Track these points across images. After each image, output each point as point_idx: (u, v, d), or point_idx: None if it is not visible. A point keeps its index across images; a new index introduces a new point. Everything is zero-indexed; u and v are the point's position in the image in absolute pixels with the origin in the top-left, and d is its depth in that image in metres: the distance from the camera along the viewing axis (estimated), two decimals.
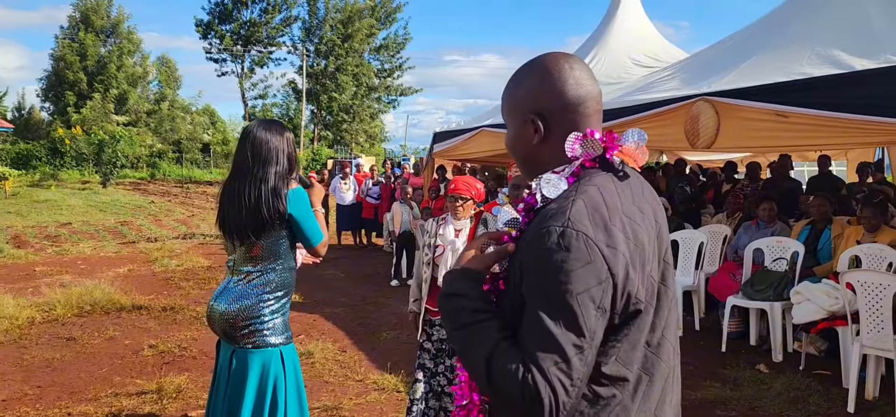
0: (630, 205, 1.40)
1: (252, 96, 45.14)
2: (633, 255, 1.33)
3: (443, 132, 12.34)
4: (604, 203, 1.34)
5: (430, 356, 4.26)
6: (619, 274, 1.29)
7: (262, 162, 2.97)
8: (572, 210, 1.30)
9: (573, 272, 1.24)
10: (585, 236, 1.26)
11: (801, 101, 5.32)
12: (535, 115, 1.46)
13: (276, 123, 3.15)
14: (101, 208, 20.26)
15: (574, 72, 1.46)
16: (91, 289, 8.15)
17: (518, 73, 1.54)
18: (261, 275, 3.02)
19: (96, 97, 35.77)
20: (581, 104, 1.45)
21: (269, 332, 3.01)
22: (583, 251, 1.25)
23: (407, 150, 44.09)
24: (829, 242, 6.33)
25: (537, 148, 1.48)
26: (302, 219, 3.02)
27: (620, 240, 1.31)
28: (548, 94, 1.45)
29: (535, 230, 1.32)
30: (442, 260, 4.15)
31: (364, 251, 13.25)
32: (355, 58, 42.42)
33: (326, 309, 7.85)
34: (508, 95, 1.54)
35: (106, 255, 11.88)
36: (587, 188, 1.36)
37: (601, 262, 1.26)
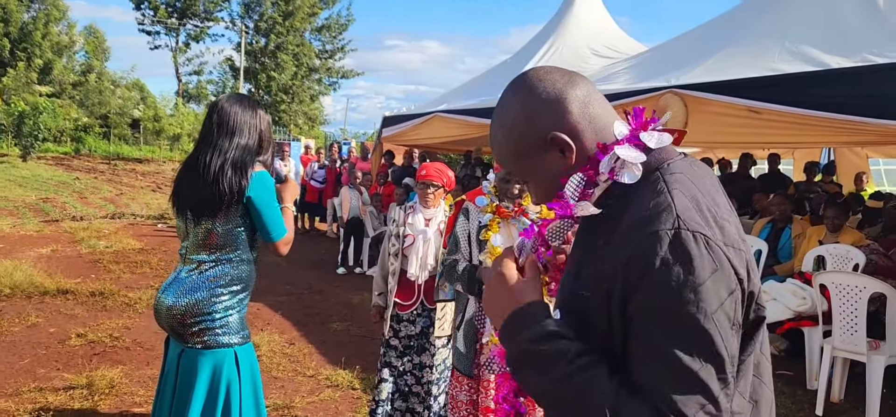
0: (720, 195, 1.14)
1: (186, 72, 43.53)
2: (749, 251, 1.07)
3: (393, 116, 11.97)
4: (702, 193, 1.08)
5: (398, 353, 4.00)
6: (745, 277, 1.03)
7: (228, 133, 2.63)
8: (677, 206, 1.02)
9: (702, 285, 0.96)
10: (705, 237, 0.99)
11: (774, 97, 5.22)
12: (553, 130, 1.18)
13: (248, 99, 2.80)
14: (21, 182, 19.04)
15: (556, 73, 1.23)
16: (10, 270, 7.49)
17: (501, 116, 1.26)
18: (215, 265, 2.65)
19: (20, 66, 33.77)
20: (587, 96, 1.21)
21: (221, 330, 2.64)
22: (706, 257, 0.98)
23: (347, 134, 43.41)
24: (789, 241, 6.30)
25: (573, 167, 1.20)
26: (262, 205, 2.66)
27: (735, 235, 1.05)
28: (549, 103, 1.20)
29: (637, 239, 1.02)
30: (412, 250, 3.91)
31: (307, 236, 12.77)
32: (296, 37, 41.36)
33: (270, 297, 7.41)
34: (509, 142, 1.25)
35: (27, 233, 11.06)
36: (676, 177, 1.09)
37: (727, 266, 1.00)
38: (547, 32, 10.59)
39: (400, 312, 3.96)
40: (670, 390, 0.96)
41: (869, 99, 4.65)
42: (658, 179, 1.11)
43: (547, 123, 1.19)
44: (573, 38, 9.92)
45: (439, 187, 3.94)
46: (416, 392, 3.98)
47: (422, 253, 3.88)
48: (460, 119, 9.27)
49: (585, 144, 1.19)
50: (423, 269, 3.89)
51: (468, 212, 3.35)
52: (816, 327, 4.91)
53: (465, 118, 9.14)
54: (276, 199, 2.74)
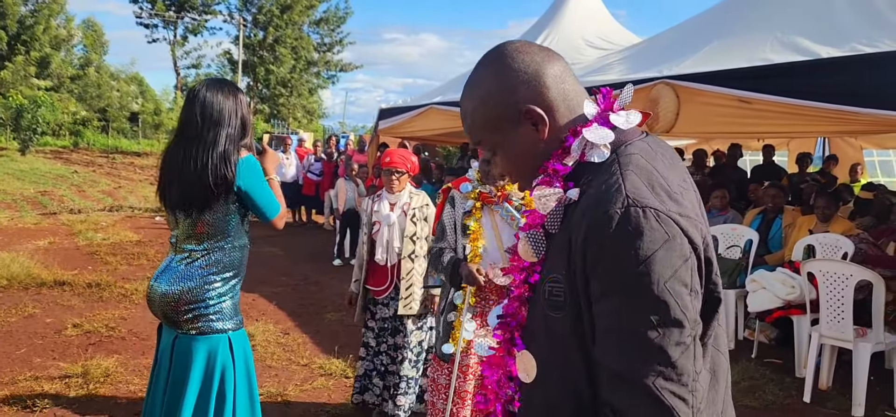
0: (678, 171, 1.17)
1: (184, 65, 43.44)
2: (699, 219, 1.10)
3: (389, 109, 11.98)
4: (655, 171, 1.11)
5: (374, 334, 4.23)
6: (700, 245, 1.05)
7: (212, 124, 2.60)
8: (627, 185, 1.06)
9: (653, 256, 0.99)
10: (654, 210, 1.02)
11: (765, 87, 5.25)
12: (528, 103, 1.21)
13: (228, 83, 2.77)
14: (19, 176, 19.07)
15: (533, 48, 1.25)
16: (7, 262, 7.53)
17: (474, 86, 1.28)
18: (206, 254, 2.66)
19: (18, 60, 33.72)
20: (561, 74, 1.23)
21: (215, 316, 2.66)
22: (657, 229, 1.01)
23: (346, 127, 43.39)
24: (780, 231, 6.34)
25: (545, 143, 1.23)
26: (254, 190, 2.67)
27: (689, 207, 1.08)
28: (526, 77, 1.21)
29: (589, 221, 1.06)
30: (378, 236, 4.07)
31: (304, 229, 12.82)
32: (294, 30, 41.29)
33: (266, 289, 7.46)
34: (480, 112, 1.26)
35: (25, 226, 11.10)
36: (630, 159, 1.13)
37: (680, 235, 1.02)
38: (542, 25, 10.59)
39: (374, 296, 4.13)
40: (629, 358, 0.99)
41: (859, 88, 4.67)
42: (613, 160, 1.14)
43: (522, 95, 1.20)
44: (568, 30, 9.93)
45: (403, 172, 4.10)
46: (392, 370, 4.18)
47: (387, 237, 4.06)
48: (456, 111, 9.24)
49: (558, 119, 1.21)
50: (390, 252, 4.05)
51: (454, 200, 3.42)
52: (805, 315, 4.95)
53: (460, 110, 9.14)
54: (265, 180, 2.75)
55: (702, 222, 1.10)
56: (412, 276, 4.06)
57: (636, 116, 1.22)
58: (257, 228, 2.87)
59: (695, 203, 1.14)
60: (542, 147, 1.23)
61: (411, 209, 4.09)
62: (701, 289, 1.06)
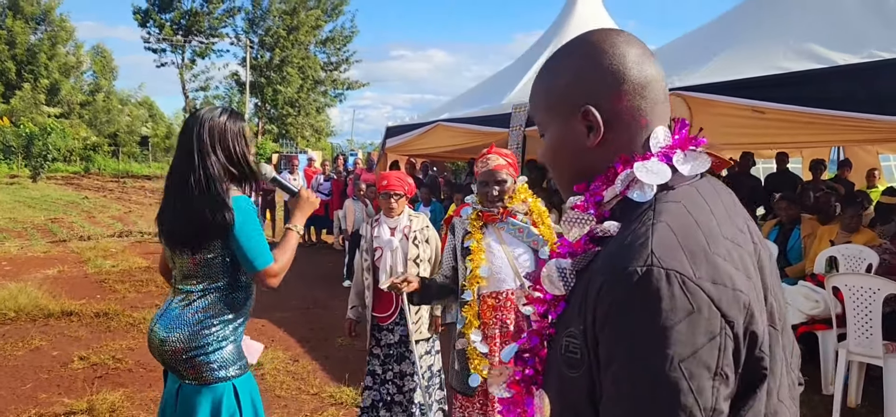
0: (728, 224, 1.02)
1: (193, 88, 43.75)
2: (750, 288, 0.95)
3: (395, 127, 11.91)
4: (696, 225, 0.96)
5: (380, 361, 4.10)
6: (739, 320, 0.90)
7: (200, 157, 2.41)
8: (654, 240, 0.92)
9: (671, 329, 0.86)
10: (680, 276, 0.88)
11: (779, 96, 5.12)
12: (591, 105, 1.08)
13: (234, 112, 2.55)
14: (30, 203, 19.12)
15: (632, 48, 1.10)
16: (15, 293, 7.46)
17: (556, 57, 1.16)
18: (202, 296, 2.45)
19: (26, 87, 34.02)
20: (646, 87, 1.08)
21: (217, 364, 2.44)
22: (680, 298, 0.87)
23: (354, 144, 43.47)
24: (798, 241, 6.18)
25: (592, 153, 1.10)
26: (241, 235, 2.40)
27: (731, 272, 0.93)
28: (604, 76, 1.08)
29: (606, 276, 0.93)
30: (381, 262, 3.98)
31: (314, 250, 12.73)
32: (301, 50, 41.50)
33: (275, 313, 7.35)
34: (545, 88, 1.16)
35: (34, 255, 11.07)
36: (668, 207, 0.99)
37: (710, 308, 0.88)
38: (549, 37, 10.51)
39: (380, 323, 4.03)
40: None
41: (876, 95, 4.53)
42: (650, 206, 1.01)
43: (589, 92, 1.09)
44: None
45: (401, 195, 4.02)
46: (398, 400, 4.08)
47: (390, 263, 3.97)
48: (463, 127, 9.19)
49: (618, 135, 1.09)
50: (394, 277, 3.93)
51: (454, 228, 3.33)
52: (830, 330, 4.79)
53: (468, 127, 9.07)
54: (256, 226, 2.46)
55: (746, 289, 0.94)
56: None
57: (703, 165, 1.07)
58: None
59: (747, 263, 0.99)
60: (588, 156, 1.11)
61: (412, 232, 4.00)
62: (736, 370, 0.92)
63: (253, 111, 42.87)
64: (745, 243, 1.04)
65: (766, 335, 0.98)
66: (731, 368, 0.90)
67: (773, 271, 1.14)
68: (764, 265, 1.10)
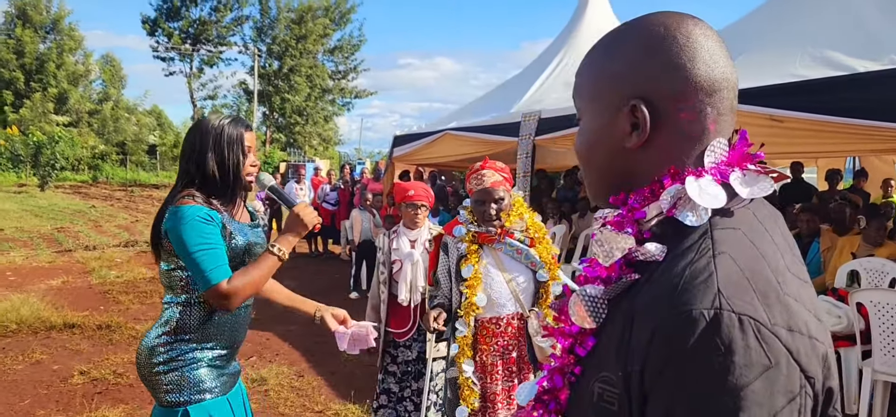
0: (791, 257, 0.87)
1: (201, 97, 43.87)
2: (826, 336, 0.80)
3: (403, 136, 11.79)
4: (762, 258, 0.81)
5: (396, 379, 3.98)
6: (818, 374, 0.76)
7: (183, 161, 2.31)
8: (720, 277, 0.77)
9: (746, 388, 0.72)
10: (755, 322, 0.73)
11: (797, 104, 4.97)
12: (640, 100, 0.91)
13: (237, 119, 2.37)
14: (37, 212, 19.09)
15: (708, 41, 0.92)
16: (17, 305, 7.37)
17: (614, 36, 0.99)
18: (167, 308, 2.27)
19: (35, 97, 34.15)
20: (715, 93, 0.91)
21: (168, 386, 2.21)
22: (755, 349, 0.73)
23: (361, 153, 43.43)
24: (818, 255, 6.01)
25: (632, 156, 0.94)
26: (176, 245, 2.16)
27: (807, 318, 0.78)
28: (665, 71, 0.91)
29: (662, 318, 0.78)
30: (401, 276, 3.83)
31: (320, 260, 12.62)
32: (309, 59, 41.54)
33: (280, 327, 7.23)
34: (593, 70, 1.00)
35: (39, 265, 10.99)
36: (727, 234, 0.84)
37: (789, 362, 0.74)
38: (559, 44, 10.39)
39: (396, 339, 3.90)
40: None
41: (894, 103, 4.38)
42: (705, 232, 0.85)
43: (644, 84, 0.93)
44: (584, 50, 9.67)
45: (426, 206, 3.93)
46: None
47: (411, 276, 3.84)
48: (471, 136, 9.07)
49: (667, 141, 0.93)
50: (414, 292, 3.83)
51: (447, 246, 3.16)
52: (853, 347, 4.63)
53: (475, 135, 8.95)
54: (204, 239, 2.14)
55: (822, 337, 0.80)
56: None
57: (766, 188, 0.90)
58: None
59: (814, 300, 0.85)
60: (627, 159, 0.96)
61: None
62: None
63: (261, 120, 42.91)
64: (808, 277, 0.89)
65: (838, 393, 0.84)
66: None
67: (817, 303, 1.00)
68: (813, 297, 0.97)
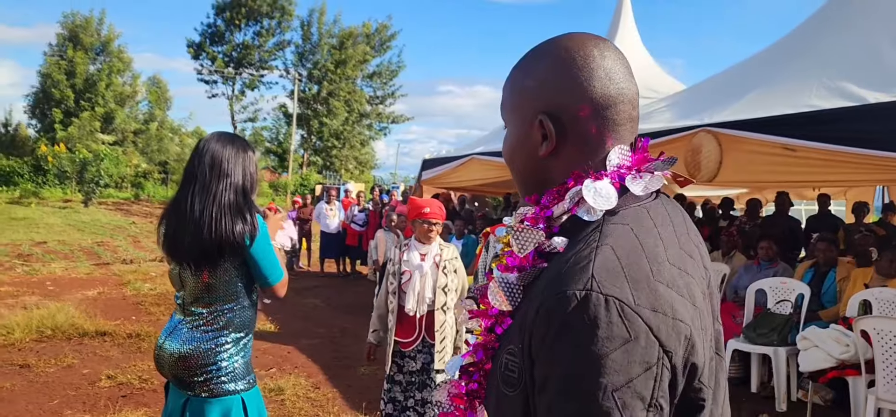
0: (676, 250, 1.00)
1: (242, 119, 44.75)
2: (694, 318, 0.93)
3: (432, 159, 12.00)
4: (642, 249, 0.94)
5: (401, 388, 4.08)
6: (677, 350, 0.88)
7: (221, 175, 2.52)
8: (596, 263, 0.90)
9: (606, 357, 0.84)
10: (620, 303, 0.86)
11: (809, 134, 5.03)
12: (547, 115, 1.06)
13: (238, 138, 2.66)
14: (80, 227, 19.73)
15: (605, 61, 1.06)
16: (54, 312, 7.69)
17: (528, 57, 1.13)
18: (216, 317, 2.55)
19: (84, 116, 35.28)
20: (610, 107, 1.05)
21: (228, 377, 2.54)
22: (617, 325, 0.85)
23: (397, 178, 43.85)
24: (834, 284, 5.99)
25: (544, 162, 1.08)
26: (259, 252, 2.56)
27: (674, 300, 0.91)
28: (566, 88, 1.05)
29: (545, 297, 0.91)
30: (409, 286, 4.01)
31: (347, 280, 12.83)
32: (348, 84, 42.21)
33: (302, 341, 7.42)
34: (512, 87, 1.14)
35: (77, 276, 11.40)
36: (614, 229, 0.97)
37: (648, 336, 0.86)
38: None
39: (403, 349, 4.01)
40: None
41: None
42: (598, 227, 0.99)
43: (549, 101, 1.07)
44: None
45: (440, 224, 4.05)
46: None
47: (419, 288, 3.96)
48: (497, 161, 9.21)
49: (573, 148, 1.06)
50: (422, 303, 3.96)
51: (488, 245, 3.33)
52: (861, 376, 4.62)
53: (501, 160, 9.08)
54: (270, 243, 2.63)
55: (688, 319, 0.92)
56: (445, 328, 3.99)
57: (657, 184, 1.05)
58: (300, 279, 2.82)
59: (694, 290, 0.97)
60: (541, 165, 1.09)
61: (443, 261, 4.03)
62: (672, 401, 0.90)
63: (299, 142, 43.66)
64: (694, 270, 1.01)
65: (710, 365, 0.97)
66: (666, 399, 0.88)
67: (718, 299, 1.12)
68: (713, 292, 1.09)
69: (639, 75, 5.19)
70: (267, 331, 7.69)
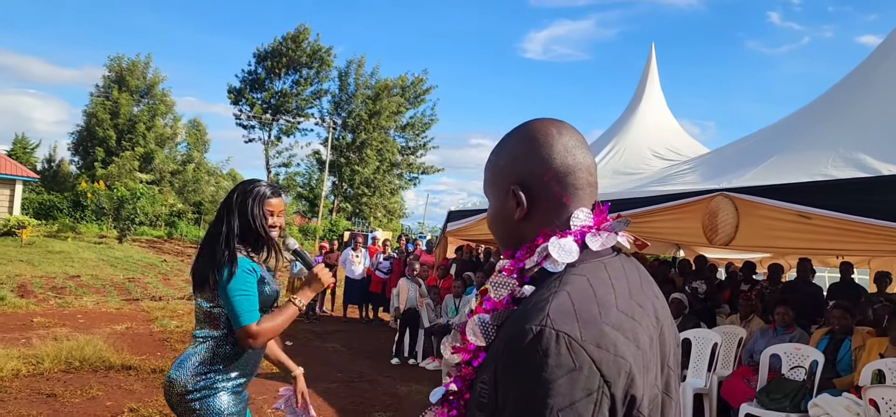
0: (626, 299, 1.16)
1: (276, 164, 45.70)
2: (636, 357, 1.09)
3: (457, 211, 12.17)
4: (594, 296, 1.11)
5: None
6: (617, 381, 1.04)
7: (220, 214, 2.73)
8: (552, 305, 1.07)
9: (554, 382, 1.01)
10: (568, 337, 1.03)
11: (824, 203, 5.09)
12: (518, 185, 1.28)
13: (253, 184, 2.79)
14: (113, 263, 20.21)
15: (563, 138, 1.28)
16: (82, 344, 7.91)
17: (502, 141, 1.37)
18: (204, 342, 2.66)
19: (125, 155, 36.36)
20: (569, 174, 1.27)
21: (208, 410, 2.60)
22: (565, 356, 1.02)
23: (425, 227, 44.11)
24: (849, 353, 5.95)
25: (519, 225, 1.29)
26: (232, 291, 2.57)
27: (617, 340, 1.07)
28: (532, 161, 1.27)
29: (509, 331, 1.11)
30: None
31: (369, 326, 12.95)
32: (381, 134, 42.93)
33: (320, 385, 7.53)
34: (490, 165, 1.37)
35: (107, 310, 11.70)
36: (572, 278, 1.15)
37: (591, 368, 1.02)
38: (611, 133, 10.68)
39: None
40: None
41: None
42: (559, 276, 1.16)
43: (517, 174, 1.28)
44: (636, 140, 9.96)
45: None
46: None
47: None
48: None
49: (543, 211, 1.26)
50: None
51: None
52: None
53: None
54: (246, 288, 2.60)
55: (630, 358, 1.07)
56: None
57: (611, 241, 1.23)
58: (322, 323, 2.91)
59: (639, 335, 1.12)
60: (516, 227, 1.29)
61: None
62: None
63: (330, 189, 44.28)
64: (644, 317, 1.17)
65: (652, 400, 1.12)
66: None
67: (675, 348, 1.27)
68: (665, 339, 1.23)
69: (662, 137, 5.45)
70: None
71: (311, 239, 36.01)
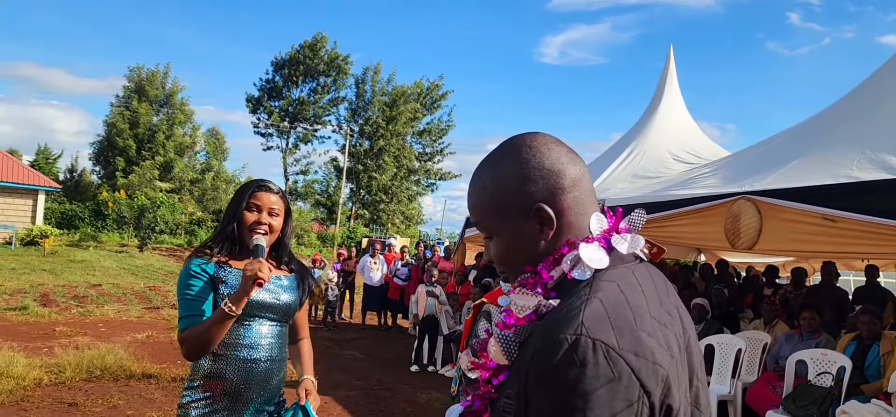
0: (657, 306, 1.12)
1: (294, 172, 45.90)
2: (671, 366, 1.04)
3: None
4: (626, 302, 1.06)
5: None
6: (656, 391, 1.00)
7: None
8: (586, 313, 1.02)
9: (592, 393, 0.96)
10: (606, 346, 0.98)
11: (849, 205, 5.00)
12: (543, 203, 1.18)
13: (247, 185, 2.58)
14: (134, 271, 20.38)
15: (559, 147, 1.23)
16: (104, 353, 7.95)
17: (491, 166, 1.25)
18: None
19: (145, 164, 36.70)
20: (578, 183, 1.21)
21: None
22: (604, 366, 0.97)
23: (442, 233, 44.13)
24: (877, 358, 5.84)
25: (547, 246, 1.20)
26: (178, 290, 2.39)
27: (654, 347, 1.02)
28: (548, 175, 1.19)
29: (539, 342, 1.04)
30: None
31: (388, 333, 12.93)
32: (398, 140, 43.00)
33: (340, 392, 7.52)
34: (490, 196, 1.24)
35: (128, 319, 11.77)
36: (603, 285, 1.10)
37: (630, 377, 0.98)
38: (630, 137, 10.58)
39: None
40: None
41: None
42: (588, 284, 1.11)
43: (538, 191, 1.19)
44: (656, 143, 9.86)
45: None
46: None
47: None
48: None
49: (563, 225, 1.19)
50: None
51: (490, 315, 3.30)
52: None
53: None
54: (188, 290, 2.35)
55: (667, 365, 1.03)
56: None
57: (639, 242, 1.19)
58: (342, 331, 2.79)
59: (671, 343, 1.08)
60: (541, 248, 1.20)
61: None
62: None
63: (348, 195, 44.40)
64: (673, 325, 1.12)
65: (685, 411, 1.07)
66: None
67: (700, 359, 1.21)
68: (692, 350, 1.18)
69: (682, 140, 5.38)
70: None
71: (329, 246, 36.11)
